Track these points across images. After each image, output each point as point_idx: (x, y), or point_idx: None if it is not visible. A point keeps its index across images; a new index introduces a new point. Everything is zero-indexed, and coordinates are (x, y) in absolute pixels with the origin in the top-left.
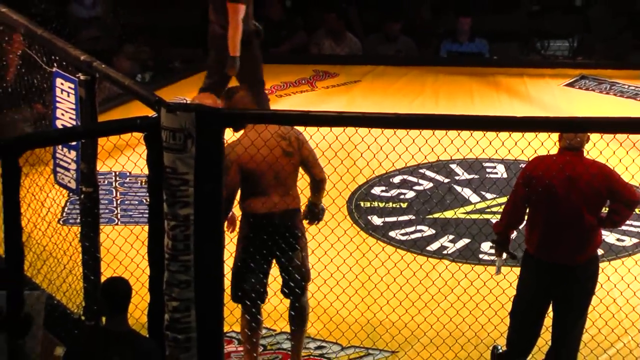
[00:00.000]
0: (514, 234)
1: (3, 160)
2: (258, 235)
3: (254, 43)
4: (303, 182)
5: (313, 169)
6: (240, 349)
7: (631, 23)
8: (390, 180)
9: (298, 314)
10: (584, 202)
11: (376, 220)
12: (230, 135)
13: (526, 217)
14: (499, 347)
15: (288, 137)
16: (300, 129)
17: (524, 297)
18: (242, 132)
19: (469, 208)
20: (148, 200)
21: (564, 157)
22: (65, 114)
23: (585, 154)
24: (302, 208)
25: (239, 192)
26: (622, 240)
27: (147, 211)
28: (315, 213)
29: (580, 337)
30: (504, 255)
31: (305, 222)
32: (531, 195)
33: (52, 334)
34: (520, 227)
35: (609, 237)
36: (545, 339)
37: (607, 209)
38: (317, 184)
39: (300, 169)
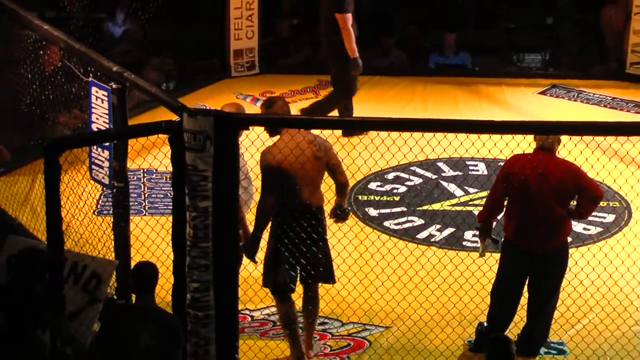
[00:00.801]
0: (494, 223)
1: (45, 158)
2: (291, 228)
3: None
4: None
5: (338, 174)
6: (255, 324)
7: (595, 39)
8: (385, 176)
9: (314, 302)
10: (554, 196)
11: (372, 212)
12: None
13: (505, 209)
14: (484, 324)
15: (317, 143)
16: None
17: (503, 279)
18: (277, 136)
19: (454, 201)
20: (172, 193)
21: (538, 156)
22: (100, 118)
23: (557, 153)
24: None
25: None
26: (588, 229)
27: (171, 203)
28: (340, 213)
29: (552, 314)
30: (487, 241)
31: (331, 220)
32: (508, 189)
33: None
34: (500, 217)
35: (576, 226)
36: (521, 316)
37: (575, 202)
38: (341, 188)
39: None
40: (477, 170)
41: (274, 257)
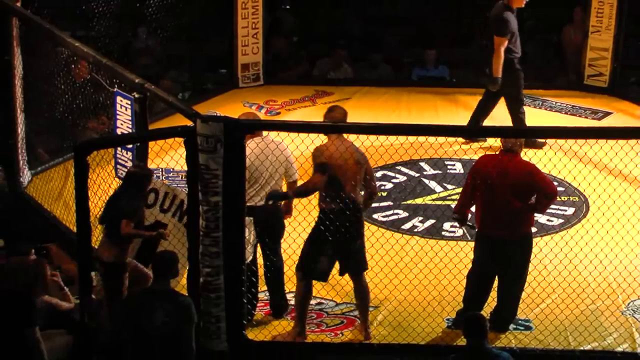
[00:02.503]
0: (470, 215)
1: (75, 158)
2: (339, 220)
3: (519, 71)
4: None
5: (371, 181)
6: (261, 305)
7: (555, 55)
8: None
9: (363, 291)
10: (512, 192)
11: None
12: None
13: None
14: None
15: (358, 151)
16: (303, 134)
17: (475, 264)
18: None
19: (434, 196)
20: (187, 190)
21: (503, 156)
22: (124, 123)
23: (523, 155)
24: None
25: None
26: (551, 221)
27: (186, 199)
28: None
29: (520, 295)
30: (465, 228)
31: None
32: (475, 184)
33: None
34: (473, 208)
35: (541, 218)
36: (493, 297)
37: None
38: (371, 196)
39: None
40: (455, 169)
41: (317, 246)
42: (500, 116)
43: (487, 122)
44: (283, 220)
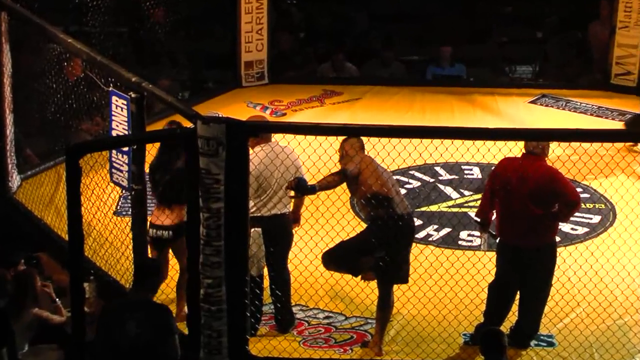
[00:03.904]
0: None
1: (67, 161)
2: (401, 230)
3: None
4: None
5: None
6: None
7: (579, 53)
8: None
9: (388, 303)
10: (531, 198)
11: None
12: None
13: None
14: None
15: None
16: (311, 137)
17: (497, 274)
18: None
19: (450, 203)
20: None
21: (525, 160)
22: (120, 125)
23: (546, 159)
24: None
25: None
26: (576, 230)
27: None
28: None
29: (542, 309)
30: (486, 235)
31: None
32: (495, 189)
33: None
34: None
35: (564, 226)
36: (513, 311)
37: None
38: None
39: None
40: (472, 174)
41: (364, 247)
42: (518, 117)
43: (506, 124)
44: (291, 230)
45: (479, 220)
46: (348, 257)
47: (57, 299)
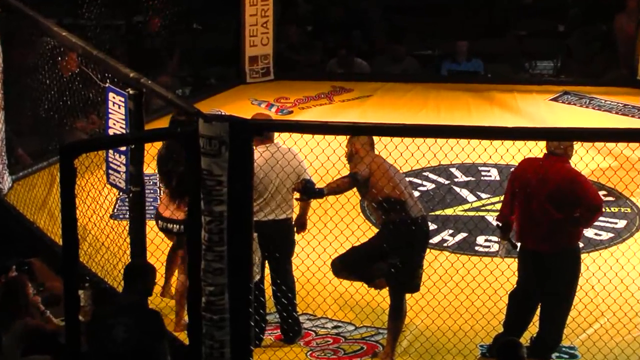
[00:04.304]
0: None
1: (61, 161)
2: (414, 235)
3: None
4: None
5: None
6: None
7: (603, 47)
8: None
9: (401, 312)
10: (551, 201)
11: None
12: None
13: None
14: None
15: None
16: (319, 136)
17: (518, 281)
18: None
19: (466, 206)
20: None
21: (546, 161)
22: (117, 123)
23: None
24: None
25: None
26: (600, 235)
27: (186, 208)
28: None
29: (564, 319)
30: (506, 242)
31: None
32: (514, 191)
33: None
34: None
35: (588, 232)
36: (534, 321)
37: None
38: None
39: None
40: (490, 176)
41: (376, 254)
42: (539, 116)
43: (526, 123)
44: (292, 237)
45: (500, 224)
46: (359, 264)
47: (47, 310)
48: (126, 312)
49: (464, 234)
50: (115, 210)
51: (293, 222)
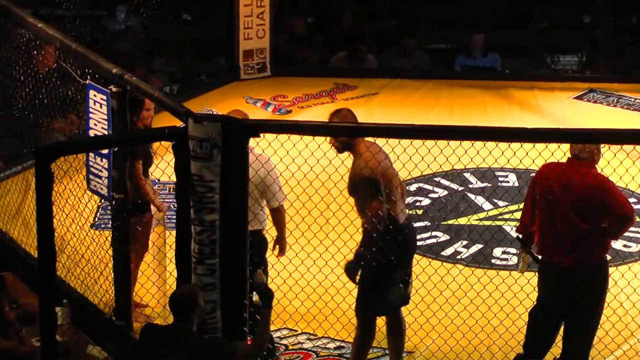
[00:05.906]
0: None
1: (37, 165)
2: (404, 243)
3: None
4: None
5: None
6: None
7: (633, 40)
8: (407, 188)
9: (400, 327)
10: (576, 210)
11: None
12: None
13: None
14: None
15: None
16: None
17: (539, 297)
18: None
19: (481, 215)
20: (175, 206)
21: (569, 166)
22: (98, 124)
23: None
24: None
25: None
26: (629, 247)
27: (174, 217)
28: None
29: (590, 339)
30: (527, 256)
31: None
32: (535, 199)
33: (84, 332)
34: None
35: (616, 243)
36: (556, 342)
37: None
38: None
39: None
40: (507, 182)
41: (385, 275)
42: (561, 116)
43: (548, 123)
44: (265, 249)
45: (520, 236)
46: (374, 297)
47: (22, 329)
48: (181, 344)
49: (480, 246)
50: (97, 220)
51: (262, 236)
